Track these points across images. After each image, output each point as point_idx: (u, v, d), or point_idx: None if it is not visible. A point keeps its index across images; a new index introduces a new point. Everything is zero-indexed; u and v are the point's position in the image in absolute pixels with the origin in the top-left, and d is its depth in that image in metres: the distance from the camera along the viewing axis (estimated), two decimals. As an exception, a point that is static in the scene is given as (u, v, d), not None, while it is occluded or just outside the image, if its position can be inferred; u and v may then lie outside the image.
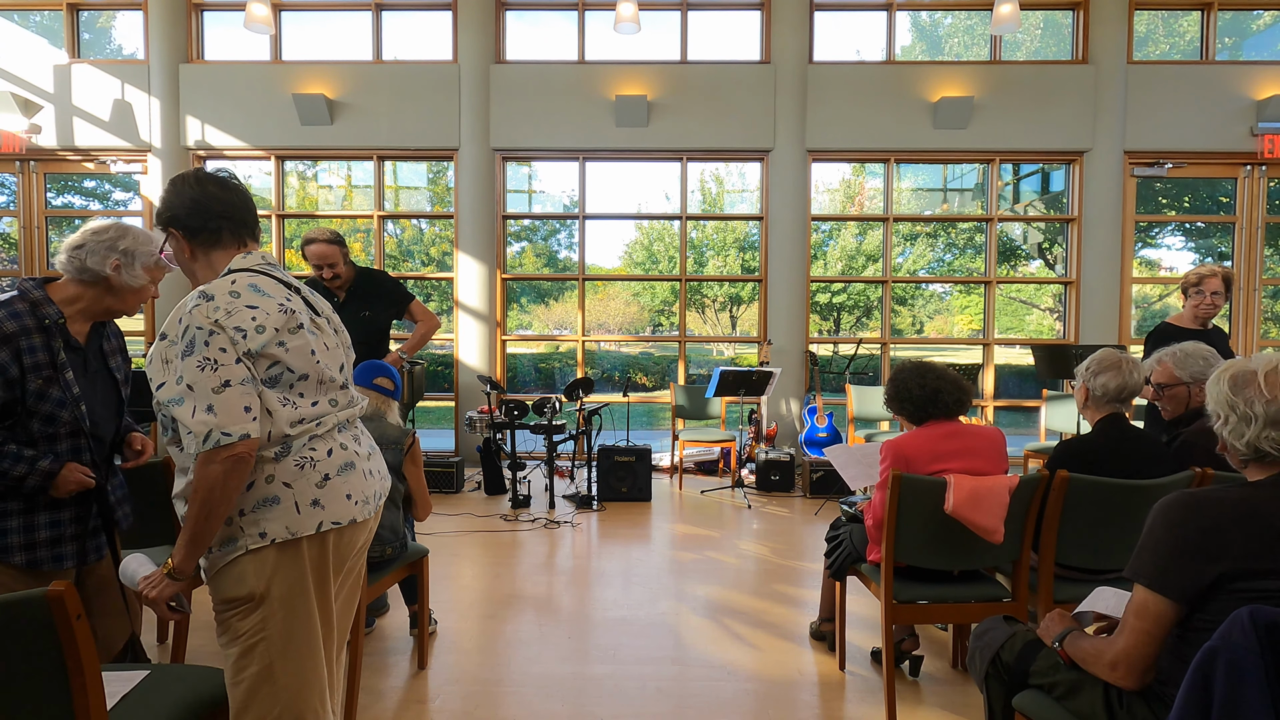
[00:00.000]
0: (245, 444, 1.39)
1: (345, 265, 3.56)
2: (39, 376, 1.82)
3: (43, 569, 1.86)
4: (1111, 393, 2.47)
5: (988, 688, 1.82)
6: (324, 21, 7.06)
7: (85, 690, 1.22)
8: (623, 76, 6.72)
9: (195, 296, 1.43)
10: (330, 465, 1.54)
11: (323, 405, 1.55)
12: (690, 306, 11.73)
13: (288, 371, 1.48)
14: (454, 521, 4.93)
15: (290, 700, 1.49)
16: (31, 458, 1.81)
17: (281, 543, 1.47)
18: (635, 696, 2.63)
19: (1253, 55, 7.16)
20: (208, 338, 1.39)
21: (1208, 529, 1.31)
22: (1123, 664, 1.42)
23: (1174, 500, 1.37)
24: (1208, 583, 1.30)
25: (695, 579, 3.86)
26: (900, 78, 6.72)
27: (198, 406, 1.37)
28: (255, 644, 1.47)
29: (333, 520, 1.52)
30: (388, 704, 2.58)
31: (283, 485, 1.47)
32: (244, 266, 1.54)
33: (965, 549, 2.39)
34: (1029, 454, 5.71)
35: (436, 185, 7.69)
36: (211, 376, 1.38)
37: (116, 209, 7.69)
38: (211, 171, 1.63)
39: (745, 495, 5.69)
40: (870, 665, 2.89)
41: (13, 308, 1.83)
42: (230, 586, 1.46)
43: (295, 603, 1.49)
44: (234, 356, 1.40)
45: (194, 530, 1.41)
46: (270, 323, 1.46)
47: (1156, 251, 8.06)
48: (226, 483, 1.38)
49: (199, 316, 1.40)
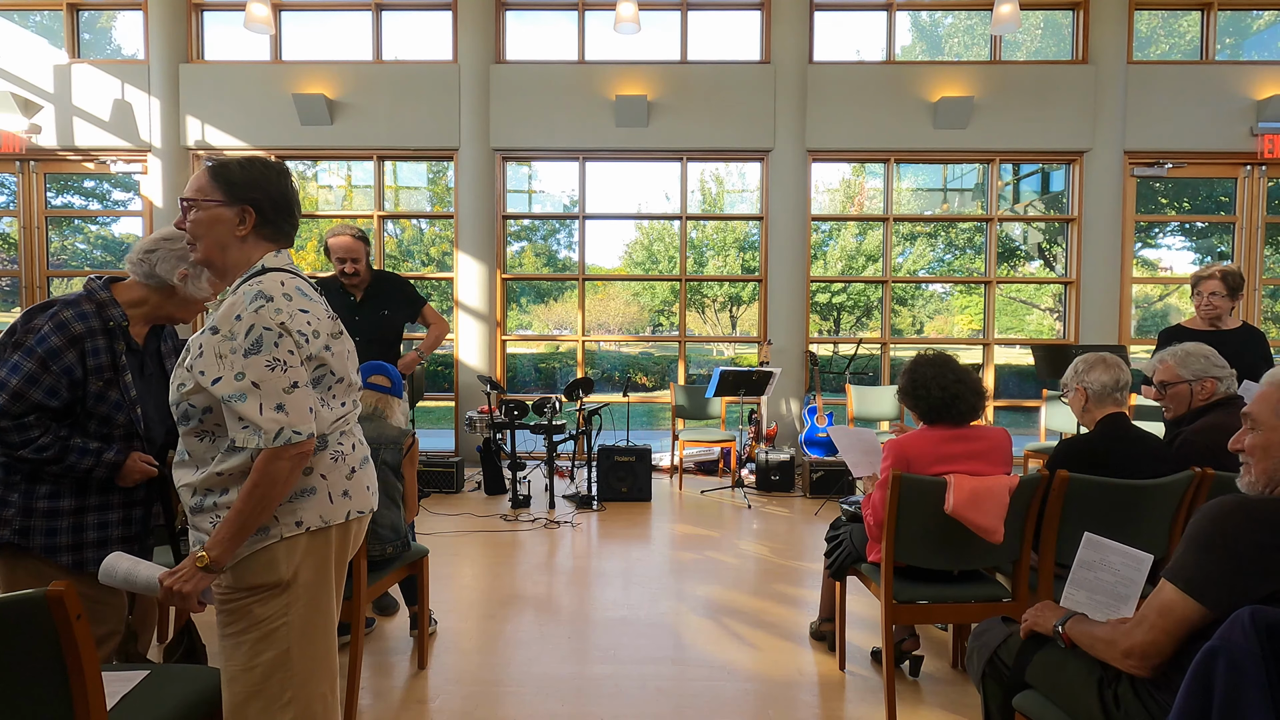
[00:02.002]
0: (309, 442, 1.45)
1: (365, 264, 3.60)
2: (100, 378, 1.86)
3: (88, 570, 1.87)
4: (1109, 386, 2.47)
5: (984, 688, 1.82)
6: (324, 21, 7.06)
7: (85, 690, 1.22)
8: (623, 76, 6.72)
9: (255, 295, 1.44)
10: (355, 458, 1.62)
11: (348, 405, 1.62)
12: (690, 306, 11.74)
13: (329, 374, 1.54)
14: (454, 521, 4.93)
15: (302, 684, 1.51)
16: (97, 450, 1.85)
17: (314, 530, 1.52)
18: (635, 696, 2.63)
19: (1253, 55, 7.16)
20: (277, 339, 1.42)
21: (1266, 545, 1.26)
22: (1138, 654, 1.41)
23: (1230, 509, 1.31)
24: (1256, 599, 1.24)
25: (695, 579, 3.86)
26: (900, 78, 6.72)
27: (265, 404, 1.40)
28: (275, 629, 1.49)
29: (358, 509, 1.61)
30: (388, 704, 2.58)
31: (320, 477, 1.53)
32: (278, 266, 1.55)
33: (965, 549, 2.39)
34: (1029, 454, 5.71)
35: (436, 185, 7.69)
36: (282, 377, 1.42)
37: (116, 209, 7.69)
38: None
39: (745, 495, 5.69)
40: (870, 665, 2.89)
41: (80, 308, 1.86)
42: (258, 573, 1.48)
43: (317, 589, 1.54)
44: (299, 359, 1.46)
45: (242, 522, 1.42)
46: (322, 328, 1.52)
47: (1156, 251, 8.06)
48: (289, 479, 1.44)
49: (266, 317, 1.42)
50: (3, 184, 7.15)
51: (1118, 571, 1.59)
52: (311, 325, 1.49)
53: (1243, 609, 1.14)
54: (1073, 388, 2.57)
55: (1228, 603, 1.27)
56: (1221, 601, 1.28)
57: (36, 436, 1.79)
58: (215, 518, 1.47)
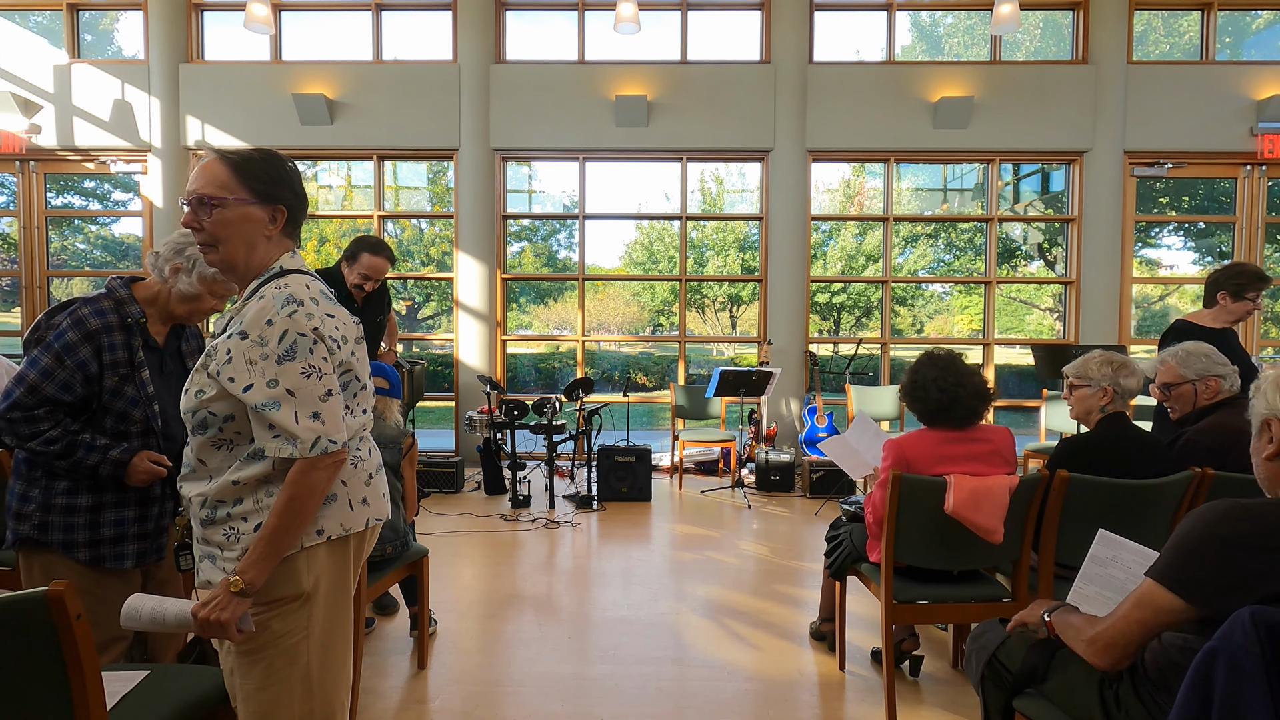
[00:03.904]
0: (344, 451, 1.42)
1: None
2: (116, 374, 1.88)
3: (104, 565, 1.89)
4: (1133, 390, 2.48)
5: (983, 689, 1.82)
6: (324, 21, 7.06)
7: (85, 690, 1.22)
8: (623, 76, 6.72)
9: (285, 300, 1.38)
10: (371, 465, 1.57)
11: (368, 412, 1.58)
12: (690, 306, 11.74)
13: (355, 380, 1.50)
14: (454, 521, 4.93)
15: (323, 697, 1.47)
16: (104, 446, 1.86)
17: (334, 539, 1.47)
18: (635, 696, 2.63)
19: (1252, 55, 7.16)
20: (312, 345, 1.38)
21: (1261, 547, 1.25)
22: (1100, 642, 1.42)
23: (1226, 512, 1.30)
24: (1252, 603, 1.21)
25: (695, 579, 3.86)
26: (900, 78, 6.72)
27: (300, 412, 1.35)
28: (296, 644, 1.43)
29: (375, 516, 1.56)
30: (388, 704, 2.58)
31: (340, 484, 1.47)
32: (295, 268, 1.49)
33: (965, 549, 2.38)
34: (1029, 454, 5.71)
35: (436, 185, 7.69)
36: (317, 384, 1.38)
37: (116, 209, 7.69)
38: None
39: (745, 495, 5.69)
40: (870, 665, 2.89)
41: (98, 305, 1.90)
42: (280, 585, 1.41)
43: (336, 599, 1.50)
44: (332, 366, 1.41)
45: (278, 539, 1.36)
46: (349, 334, 1.49)
47: (1156, 251, 8.06)
48: (325, 490, 1.40)
49: (300, 322, 1.37)
50: (3, 184, 7.15)
51: (1129, 569, 1.59)
52: (340, 331, 1.45)
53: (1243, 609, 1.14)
54: (1100, 385, 2.49)
55: (1217, 604, 1.26)
56: (1211, 602, 1.28)
57: (45, 430, 1.81)
58: (228, 529, 1.41)
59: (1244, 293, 3.21)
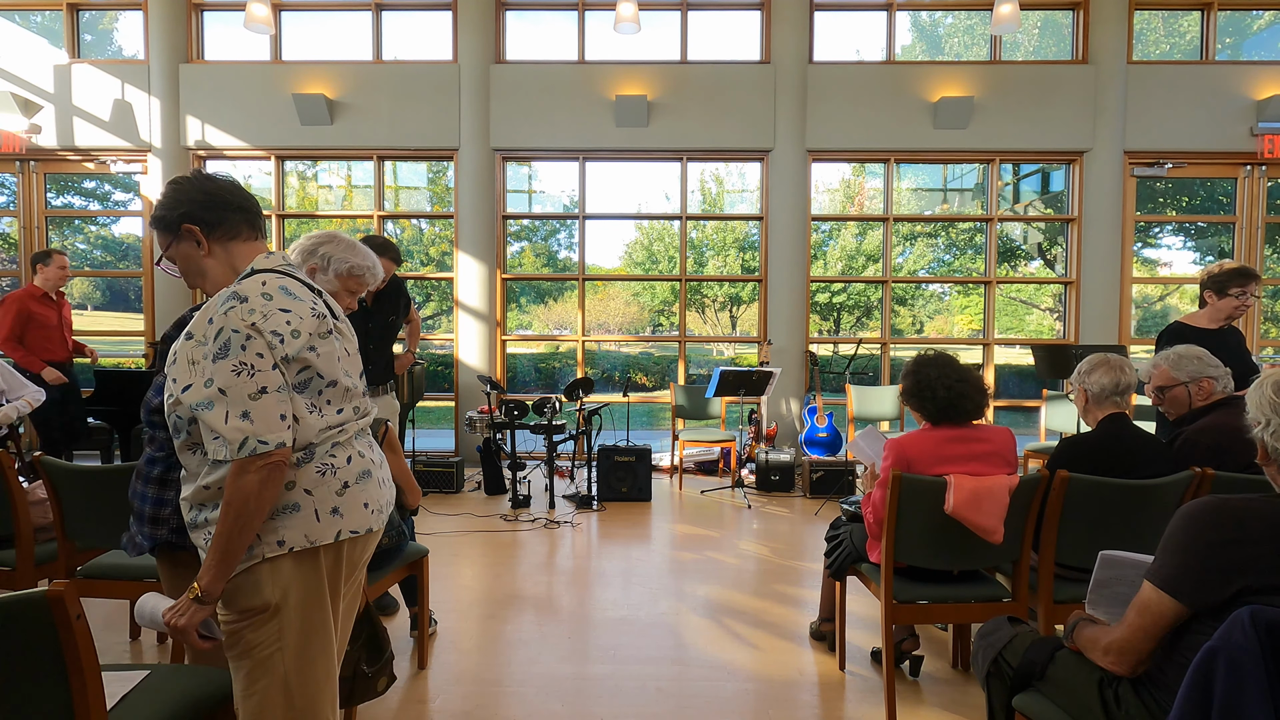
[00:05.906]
0: (281, 452, 1.35)
1: None
2: None
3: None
4: (1108, 388, 2.47)
5: (989, 687, 1.82)
6: (324, 21, 7.06)
7: (85, 690, 1.22)
8: (623, 76, 6.72)
9: (227, 297, 1.38)
10: (350, 473, 1.49)
11: (347, 413, 1.52)
12: (690, 306, 11.74)
13: (317, 377, 1.45)
14: (454, 521, 4.93)
15: (304, 711, 1.45)
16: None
17: (299, 551, 1.42)
18: (635, 696, 2.63)
19: (1253, 55, 7.16)
20: (244, 342, 1.34)
21: (1234, 540, 1.28)
22: (1114, 652, 1.46)
23: (1202, 508, 1.33)
24: (1229, 595, 1.26)
25: (695, 579, 3.86)
26: (900, 78, 6.72)
27: (230, 412, 1.32)
28: (269, 655, 1.42)
29: (351, 529, 1.48)
30: (388, 704, 2.58)
31: (303, 492, 1.42)
32: (268, 267, 1.48)
33: (965, 549, 2.38)
34: (1029, 454, 5.71)
35: (436, 185, 7.69)
36: (248, 382, 1.33)
37: (116, 209, 7.70)
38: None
39: (745, 495, 5.69)
40: (870, 665, 2.89)
41: None
42: (245, 597, 1.40)
43: (311, 612, 1.45)
44: (270, 362, 1.36)
45: (226, 546, 1.34)
46: (304, 327, 1.42)
47: (1156, 251, 8.06)
48: (262, 493, 1.34)
49: (235, 319, 1.35)
50: (3, 184, 7.15)
51: (1133, 583, 1.60)
52: (291, 325, 1.39)
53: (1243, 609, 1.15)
54: (1075, 387, 2.59)
55: (1207, 599, 1.29)
56: (1200, 598, 1.31)
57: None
58: (207, 535, 1.40)
59: (1226, 290, 3.27)
